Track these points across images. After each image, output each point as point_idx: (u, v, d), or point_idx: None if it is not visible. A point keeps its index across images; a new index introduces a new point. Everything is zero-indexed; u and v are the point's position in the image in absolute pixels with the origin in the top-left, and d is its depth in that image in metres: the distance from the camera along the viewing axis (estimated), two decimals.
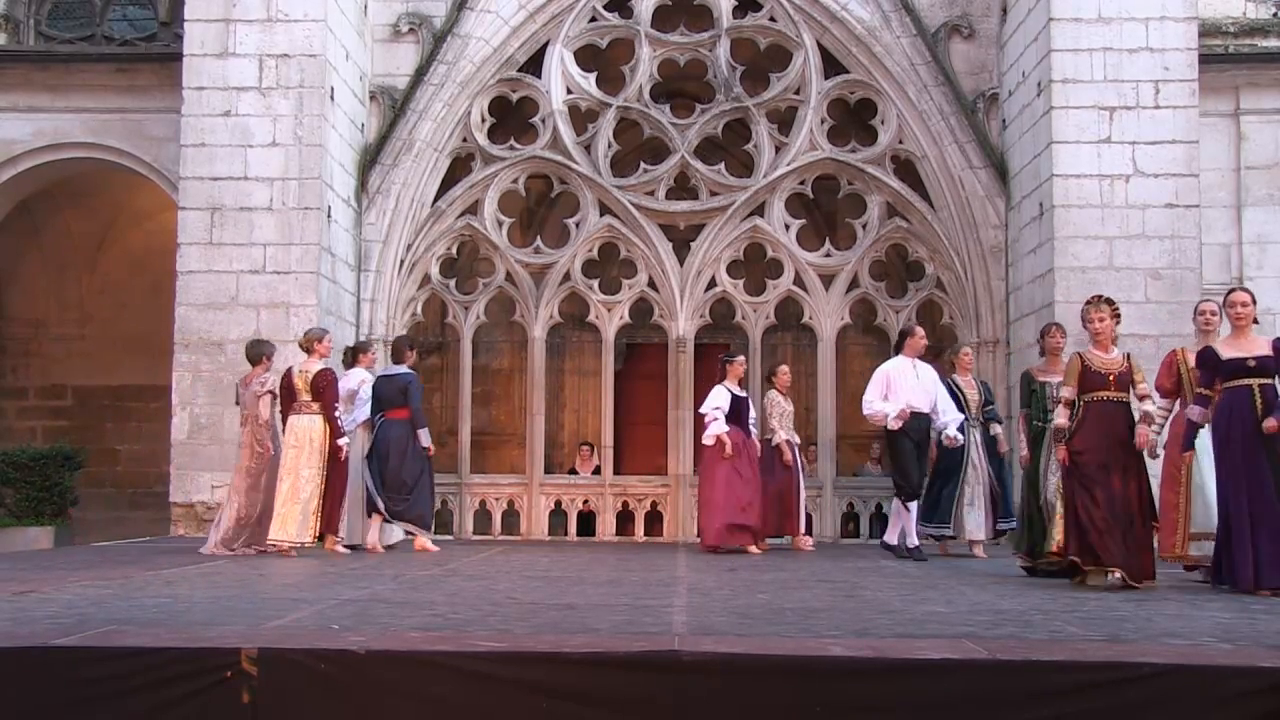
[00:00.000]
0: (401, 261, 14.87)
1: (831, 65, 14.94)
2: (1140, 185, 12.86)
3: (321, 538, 10.83)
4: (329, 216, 13.51)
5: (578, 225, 15.10)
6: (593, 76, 15.09)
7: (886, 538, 11.66)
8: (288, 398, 10.86)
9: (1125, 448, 8.12)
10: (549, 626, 5.78)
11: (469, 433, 15.04)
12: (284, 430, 10.86)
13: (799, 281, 15.02)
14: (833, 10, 14.73)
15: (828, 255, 15.16)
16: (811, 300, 15.00)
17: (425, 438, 11.31)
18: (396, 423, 11.26)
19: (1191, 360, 8.51)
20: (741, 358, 12.49)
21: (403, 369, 11.59)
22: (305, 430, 10.68)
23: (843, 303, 15.03)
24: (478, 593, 7.52)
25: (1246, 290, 8.39)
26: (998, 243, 14.50)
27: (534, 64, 15.06)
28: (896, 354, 11.64)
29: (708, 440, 11.92)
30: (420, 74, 14.84)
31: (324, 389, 10.74)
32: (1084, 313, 8.50)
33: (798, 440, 12.95)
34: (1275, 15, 14.48)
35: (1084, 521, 8.04)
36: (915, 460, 11.23)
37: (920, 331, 11.78)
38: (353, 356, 12.05)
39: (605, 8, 15.01)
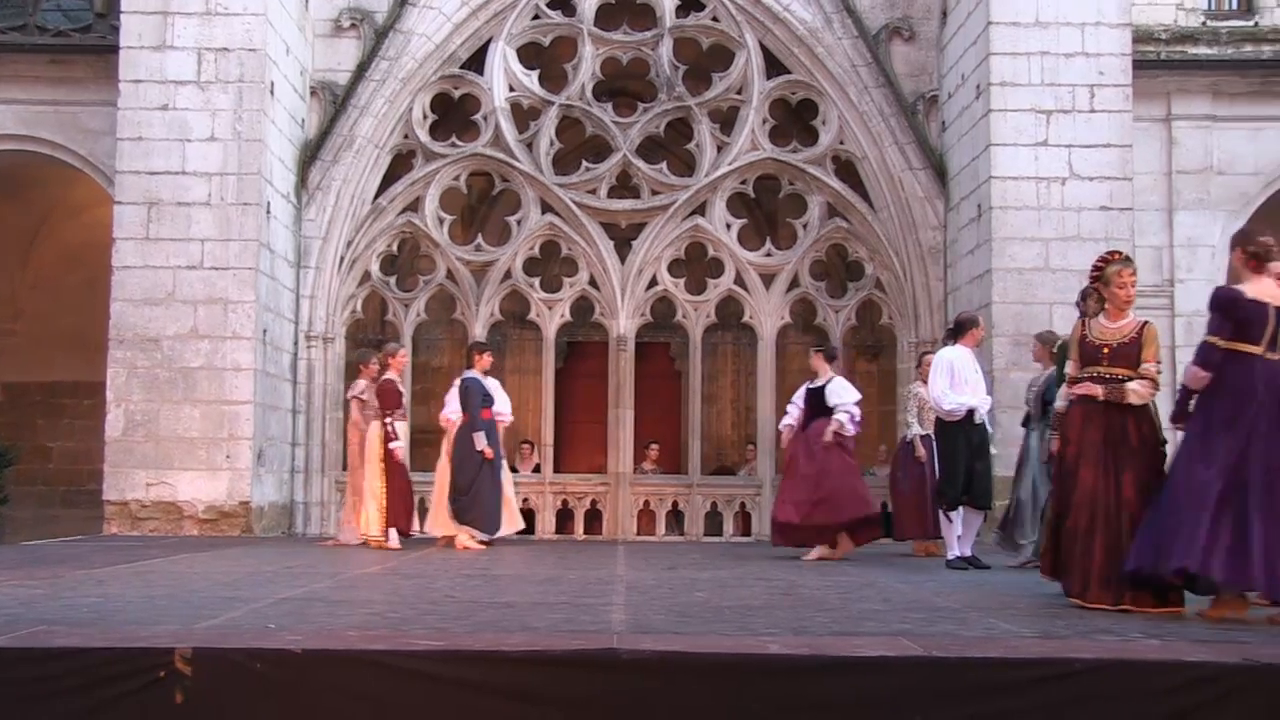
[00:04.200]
0: (341, 258, 14.77)
1: (773, 66, 15.01)
2: (1076, 188, 13.03)
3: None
4: (268, 212, 13.39)
5: (519, 223, 15.07)
6: (535, 74, 15.07)
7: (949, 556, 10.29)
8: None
9: (1118, 440, 6.66)
10: (487, 625, 5.76)
11: (409, 431, 14.92)
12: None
13: (740, 281, 15.08)
14: (775, 11, 14.80)
15: (768, 255, 15.23)
16: (752, 299, 15.06)
17: (479, 441, 11.47)
18: (461, 427, 11.60)
19: None
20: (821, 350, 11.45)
21: (470, 374, 11.79)
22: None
23: (783, 302, 15.11)
24: (416, 591, 7.48)
25: None
26: (936, 243, 14.65)
27: (476, 61, 15.01)
28: (951, 343, 10.37)
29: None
30: (362, 70, 14.75)
31: (380, 396, 11.52)
32: (1108, 275, 6.89)
33: None
34: (1204, 24, 14.73)
35: (1058, 530, 6.84)
36: (963, 464, 10.04)
37: (982, 321, 10.76)
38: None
39: (548, 5, 14.99)
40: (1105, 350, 6.79)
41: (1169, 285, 13.83)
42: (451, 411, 11.93)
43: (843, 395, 10.82)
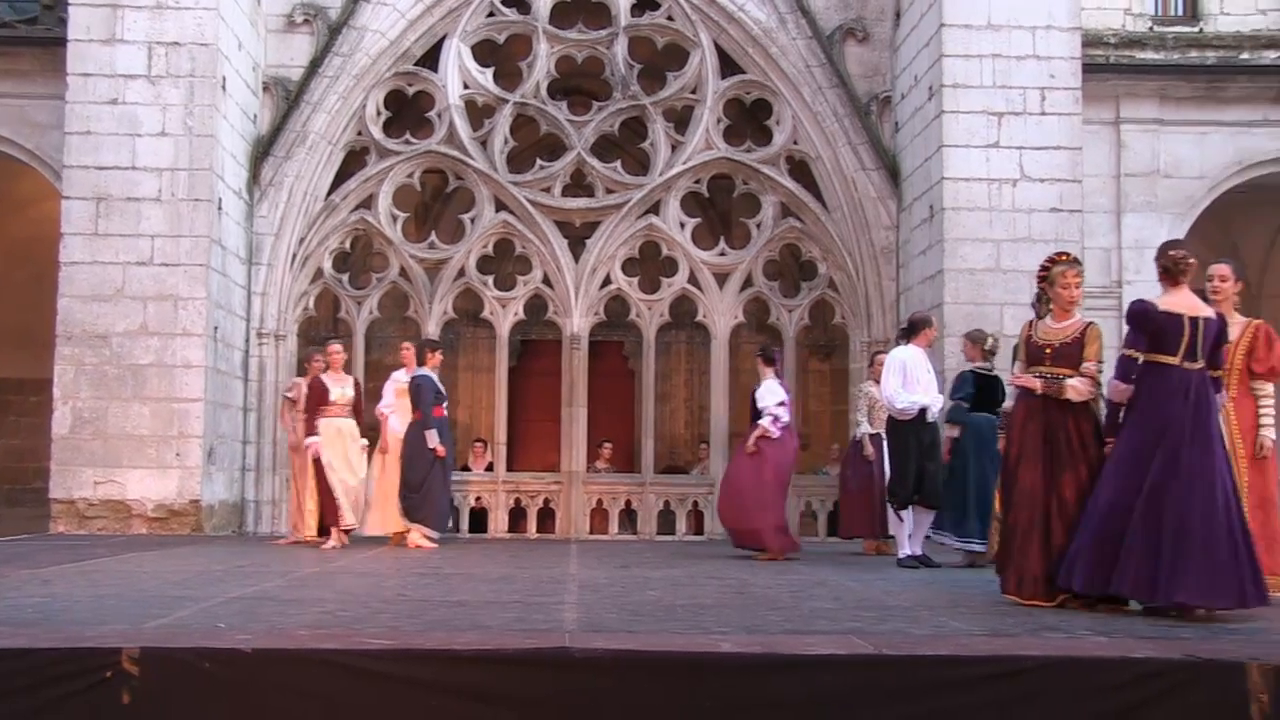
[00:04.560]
0: (294, 255, 14.67)
1: (728, 65, 15.05)
2: (1027, 190, 13.14)
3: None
4: (220, 208, 13.28)
5: (473, 221, 15.03)
6: (490, 72, 15.03)
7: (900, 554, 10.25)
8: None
9: (1058, 438, 6.73)
10: (439, 624, 5.75)
11: (356, 429, 14.83)
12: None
13: (693, 280, 15.11)
14: (730, 11, 14.84)
15: (722, 254, 15.27)
16: (705, 299, 15.09)
17: (431, 439, 11.45)
18: (413, 424, 11.58)
19: None
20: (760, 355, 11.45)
21: (421, 371, 11.74)
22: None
23: (736, 301, 15.15)
24: (368, 590, 7.45)
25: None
26: (889, 244, 14.73)
27: (430, 58, 14.94)
28: (904, 342, 10.33)
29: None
30: (315, 65, 14.66)
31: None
32: (1053, 276, 6.94)
33: None
34: (1151, 29, 14.92)
35: (1005, 529, 6.96)
36: (914, 463, 10.00)
37: (935, 321, 10.85)
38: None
39: (503, 3, 14.95)
40: (1049, 350, 6.84)
41: (1117, 286, 13.96)
42: (386, 405, 11.94)
43: (765, 399, 10.86)
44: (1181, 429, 6.31)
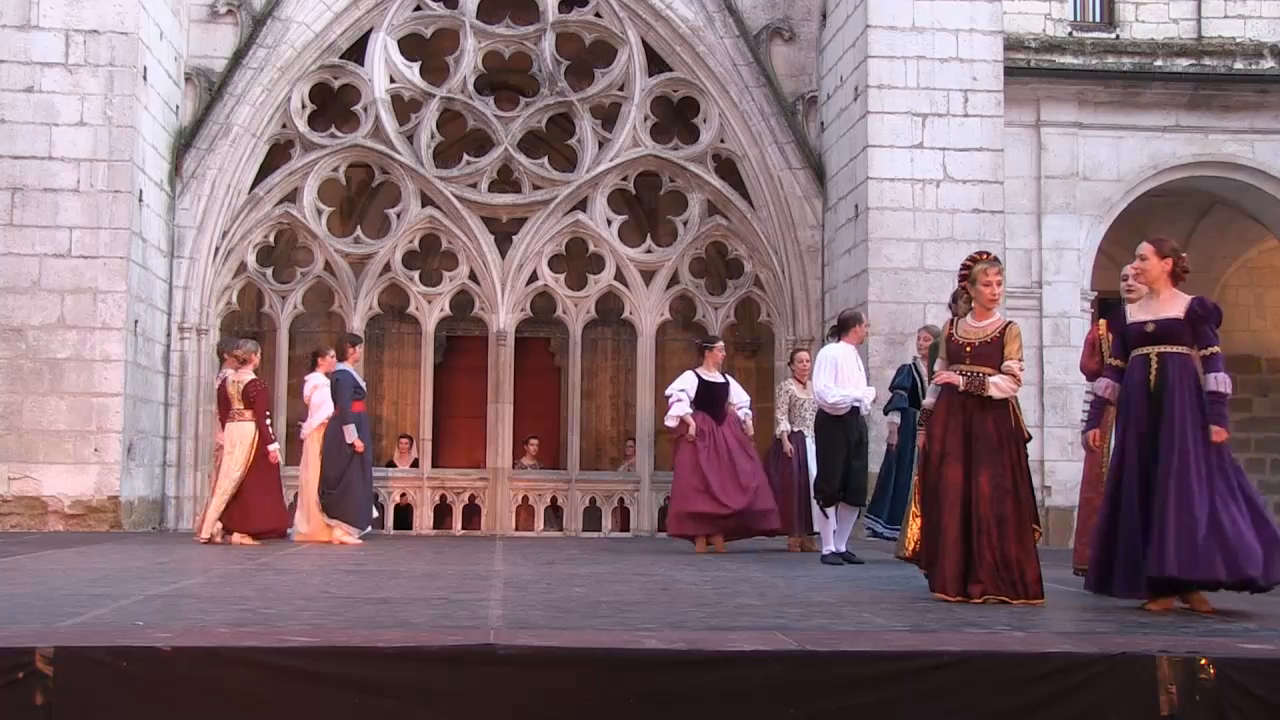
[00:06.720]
0: (216, 248, 14.49)
1: (655, 63, 15.09)
2: (950, 190, 13.32)
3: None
4: (140, 200, 13.08)
5: (399, 216, 14.94)
6: (416, 66, 14.94)
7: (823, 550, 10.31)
8: (224, 406, 11.33)
9: (977, 435, 6.78)
10: (363, 621, 5.70)
11: (285, 425, 14.70)
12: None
13: (620, 277, 15.13)
14: (657, 8, 14.87)
15: (649, 251, 15.31)
16: (632, 296, 15.12)
17: (350, 434, 11.50)
18: (331, 420, 11.61)
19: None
20: (721, 343, 11.70)
21: (341, 367, 11.75)
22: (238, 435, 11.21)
23: (663, 299, 15.20)
24: (290, 587, 7.38)
25: (1152, 242, 6.76)
26: (815, 243, 14.86)
27: (356, 51, 14.84)
28: (835, 340, 10.29)
29: (669, 422, 11.28)
30: (239, 57, 14.49)
31: (255, 398, 11.18)
32: (975, 274, 6.95)
33: None
34: (1070, 34, 15.19)
35: (928, 527, 6.94)
36: (842, 461, 10.00)
37: (865, 319, 10.86)
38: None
39: None
40: (969, 349, 6.86)
41: (1037, 287, 14.18)
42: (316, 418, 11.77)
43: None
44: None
